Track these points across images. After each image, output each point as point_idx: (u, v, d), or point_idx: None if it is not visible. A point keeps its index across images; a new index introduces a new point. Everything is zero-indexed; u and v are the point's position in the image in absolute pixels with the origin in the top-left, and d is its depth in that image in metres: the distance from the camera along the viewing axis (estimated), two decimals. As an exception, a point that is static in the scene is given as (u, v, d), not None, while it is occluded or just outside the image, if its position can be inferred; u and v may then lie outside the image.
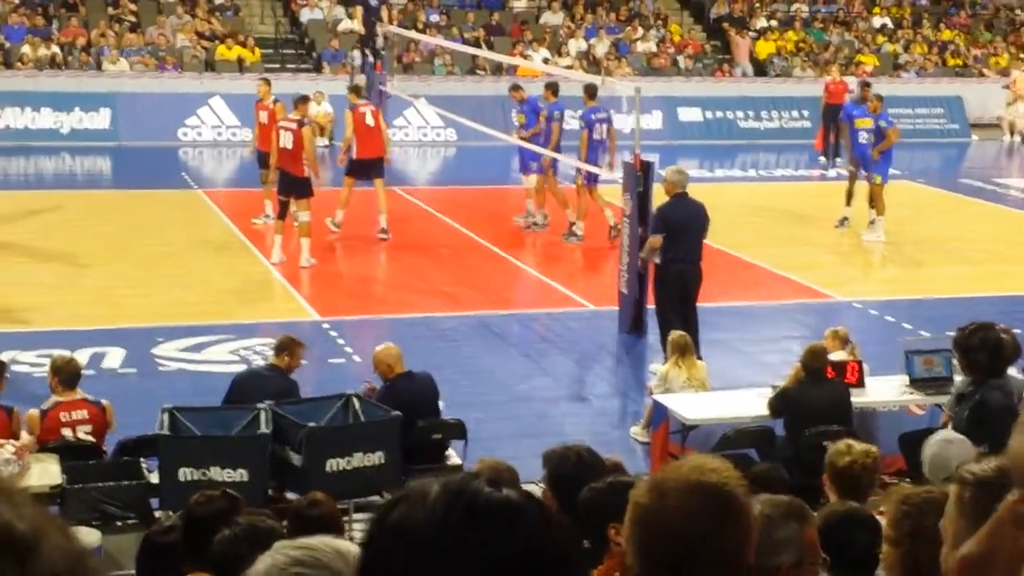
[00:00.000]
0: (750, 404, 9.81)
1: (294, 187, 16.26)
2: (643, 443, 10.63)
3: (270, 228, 17.06)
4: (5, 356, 10.13)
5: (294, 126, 16.24)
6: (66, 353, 10.39)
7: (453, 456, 9.56)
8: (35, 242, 17.05)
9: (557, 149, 18.15)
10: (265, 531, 4.37)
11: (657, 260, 12.57)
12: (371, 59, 22.85)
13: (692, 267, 12.53)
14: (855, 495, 5.45)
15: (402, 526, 1.63)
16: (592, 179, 17.62)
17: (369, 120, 17.67)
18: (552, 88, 18.54)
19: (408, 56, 28.34)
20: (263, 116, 18.01)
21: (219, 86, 26.30)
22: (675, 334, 10.86)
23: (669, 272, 12.48)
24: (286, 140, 16.23)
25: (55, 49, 26.68)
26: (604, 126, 17.65)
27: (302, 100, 16.92)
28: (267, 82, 18.60)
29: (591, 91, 17.75)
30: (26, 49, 26.37)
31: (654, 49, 30.65)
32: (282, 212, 16.40)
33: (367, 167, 17.81)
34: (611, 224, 17.08)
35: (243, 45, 27.84)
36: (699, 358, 10.98)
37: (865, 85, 19.63)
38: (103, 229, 17.98)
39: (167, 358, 12.66)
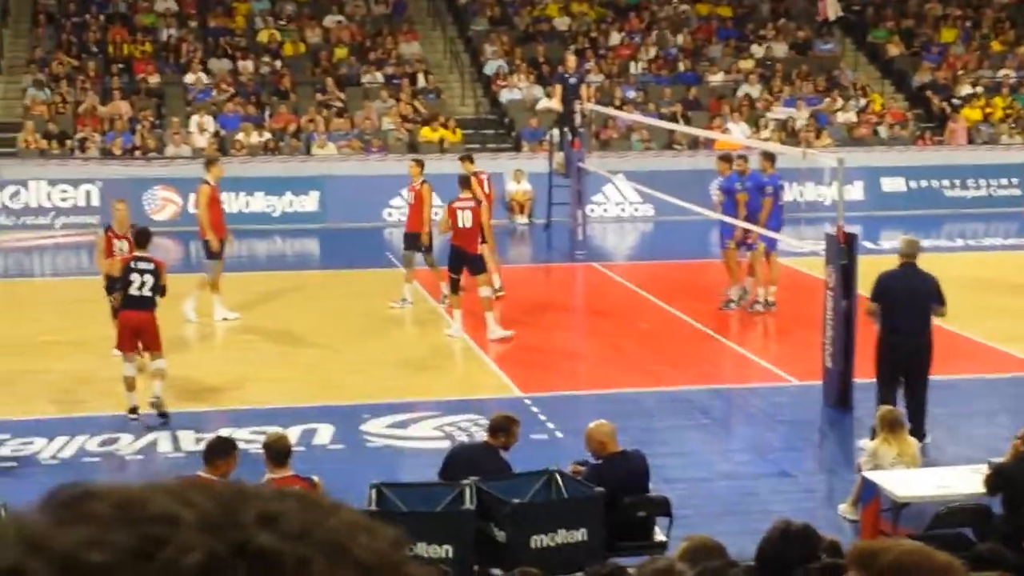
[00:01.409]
0: (964, 481, 9.52)
1: (468, 263, 16.51)
2: (852, 521, 10.39)
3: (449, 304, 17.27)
4: (222, 433, 10.48)
5: (472, 204, 16.61)
6: (277, 430, 10.69)
7: (658, 533, 9.50)
8: (248, 322, 17.66)
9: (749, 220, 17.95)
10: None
11: (876, 327, 12.42)
12: (569, 136, 23.11)
13: (914, 340, 12.22)
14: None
15: None
16: (773, 245, 17.73)
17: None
18: (727, 159, 18.49)
19: (605, 132, 28.58)
20: (410, 197, 18.29)
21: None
22: (883, 409, 10.63)
23: (885, 343, 12.26)
24: (465, 219, 16.54)
25: (267, 135, 27.77)
26: (781, 192, 18.18)
27: (466, 181, 17.12)
28: (418, 163, 18.61)
29: (772, 158, 17.98)
30: (240, 136, 27.51)
31: (854, 119, 30.25)
32: (454, 287, 16.62)
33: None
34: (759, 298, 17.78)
35: (445, 126, 28.50)
36: (923, 434, 10.70)
37: None
38: (312, 308, 18.52)
39: (374, 434, 12.93)
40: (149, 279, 12.98)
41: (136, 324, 13.06)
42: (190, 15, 31.75)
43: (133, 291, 13.00)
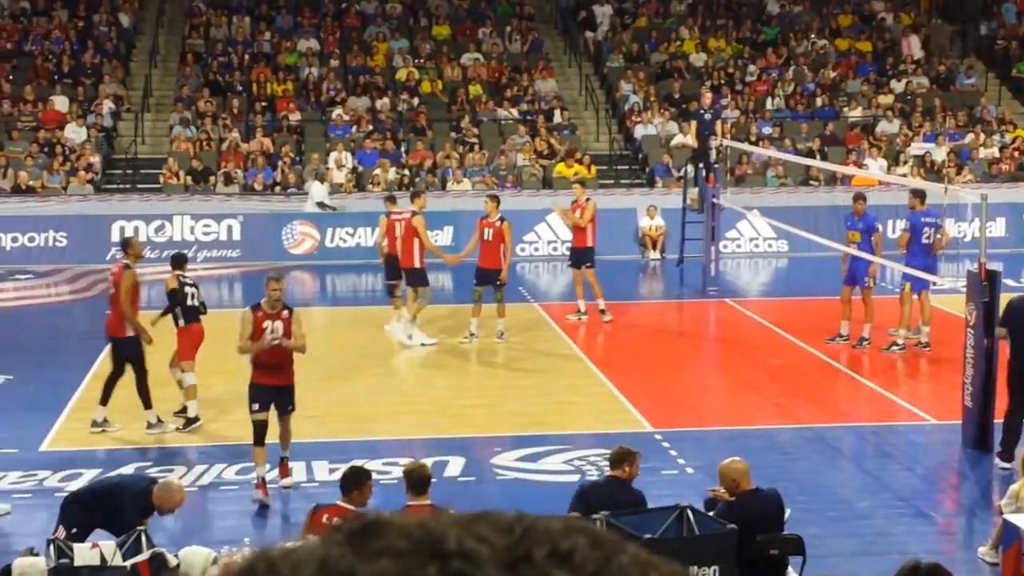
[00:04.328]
0: (1110, 526, 9.22)
1: (406, 273, 18.31)
2: (991, 564, 10.14)
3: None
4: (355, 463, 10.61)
5: (407, 216, 18.40)
6: (416, 459, 10.80)
7: (791, 572, 9.37)
8: (381, 354, 17.90)
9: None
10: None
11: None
12: (704, 172, 23.01)
13: None
14: None
15: None
16: (920, 284, 17.14)
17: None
18: (861, 198, 18.17)
19: (741, 168, 28.40)
20: (488, 234, 18.17)
21: (555, 202, 27.00)
22: (1025, 451, 10.38)
23: (1009, 367, 12.31)
24: (400, 231, 18.35)
25: (404, 171, 28.14)
26: (932, 230, 17.22)
27: (417, 194, 19.08)
28: (495, 199, 18.58)
29: (921, 195, 17.40)
30: (377, 171, 27.94)
31: (997, 154, 29.61)
32: (391, 292, 18.84)
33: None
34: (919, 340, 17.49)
35: (579, 162, 28.58)
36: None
37: None
38: (444, 342, 18.67)
39: (505, 467, 12.97)
40: (195, 291, 14.64)
41: (201, 334, 14.67)
42: (331, 54, 32.41)
43: (191, 303, 14.56)
